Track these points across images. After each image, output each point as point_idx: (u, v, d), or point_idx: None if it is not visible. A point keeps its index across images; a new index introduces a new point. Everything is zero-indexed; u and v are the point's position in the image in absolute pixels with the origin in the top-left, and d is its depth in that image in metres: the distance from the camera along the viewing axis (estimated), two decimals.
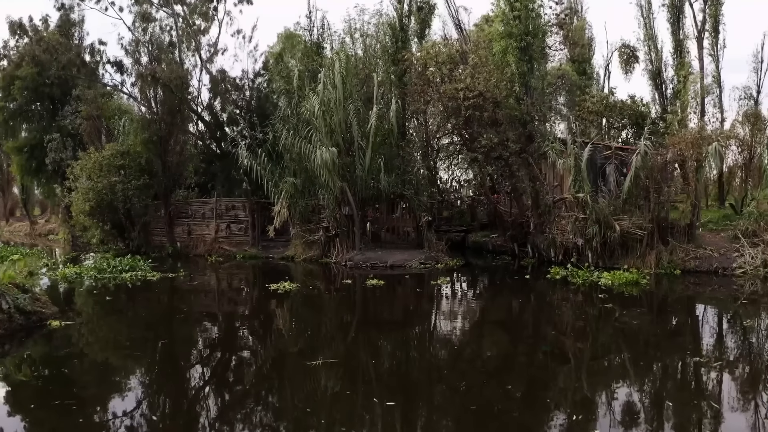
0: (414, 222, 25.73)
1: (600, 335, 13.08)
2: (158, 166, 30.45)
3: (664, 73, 35.43)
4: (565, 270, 20.68)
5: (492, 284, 21.05)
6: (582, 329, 13.68)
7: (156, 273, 22.14)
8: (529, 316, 15.72)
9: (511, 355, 11.69)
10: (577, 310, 16.04)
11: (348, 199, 24.45)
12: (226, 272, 24.84)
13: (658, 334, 13.01)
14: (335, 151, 23.07)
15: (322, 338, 12.98)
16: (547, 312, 16.19)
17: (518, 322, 14.96)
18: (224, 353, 11.88)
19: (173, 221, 31.06)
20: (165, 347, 11.81)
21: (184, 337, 13.25)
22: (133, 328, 14.06)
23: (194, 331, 13.91)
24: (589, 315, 15.24)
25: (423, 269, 22.92)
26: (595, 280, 19.11)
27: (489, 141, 22.56)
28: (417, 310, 16.42)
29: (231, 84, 30.87)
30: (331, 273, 23.64)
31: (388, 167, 25.30)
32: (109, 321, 15.29)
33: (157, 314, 16.09)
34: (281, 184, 25.23)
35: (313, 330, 13.90)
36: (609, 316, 14.55)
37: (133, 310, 16.76)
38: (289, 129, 25.17)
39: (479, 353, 11.78)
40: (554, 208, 23.63)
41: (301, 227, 26.76)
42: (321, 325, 14.64)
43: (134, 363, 11.04)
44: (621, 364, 10.66)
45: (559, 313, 15.85)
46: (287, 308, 16.21)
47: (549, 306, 17.11)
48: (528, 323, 14.96)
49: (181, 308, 17.01)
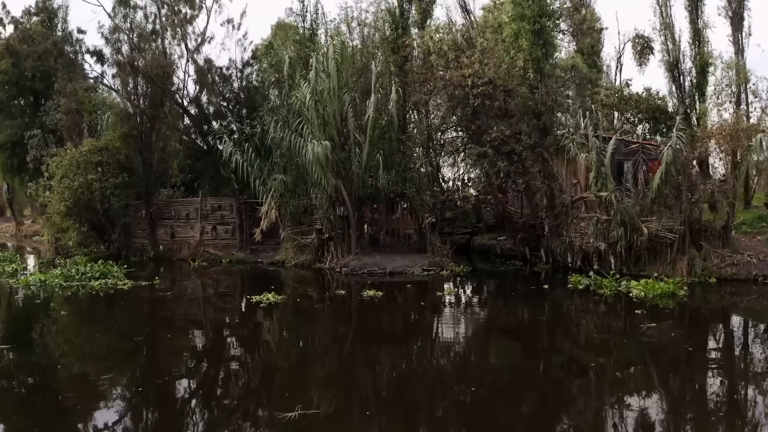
0: (416, 223, 23.09)
1: (651, 366, 10.44)
2: (138, 162, 27.83)
3: (682, 64, 32.93)
4: (587, 278, 18.11)
5: (506, 295, 18.30)
6: (624, 356, 11.06)
7: (129, 281, 19.58)
8: (558, 339, 12.98)
9: (548, 395, 9.05)
10: (613, 331, 13.33)
11: (343, 198, 21.83)
12: (208, 279, 22.19)
13: (727, 366, 10.39)
14: (328, 144, 20.43)
15: (302, 376, 10.10)
16: (577, 332, 13.48)
17: (546, 347, 12.27)
18: (169, 405, 9.19)
19: (155, 222, 28.40)
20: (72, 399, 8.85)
21: (123, 379, 9.91)
22: (64, 359, 11.30)
23: (139, 367, 10.79)
24: (628, 337, 12.58)
25: (426, 276, 20.30)
26: (624, 290, 16.55)
27: (500, 134, 19.92)
28: (422, 332, 13.63)
29: (218, 74, 28.17)
30: (324, 280, 21.01)
31: (388, 163, 22.69)
32: (38, 351, 11.95)
33: (104, 341, 12.75)
34: (269, 182, 22.60)
35: (292, 362, 11.14)
36: (654, 340, 11.94)
37: (80, 332, 13.89)
38: (278, 121, 22.52)
39: (506, 395, 9.13)
40: (572, 208, 21.00)
41: (292, 229, 24.12)
42: (304, 354, 11.83)
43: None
44: (690, 407, 8.03)
45: (592, 334, 13.15)
46: (266, 330, 13.55)
47: (577, 324, 14.38)
48: (558, 348, 12.27)
49: (141, 331, 13.55)
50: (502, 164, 19.95)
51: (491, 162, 20.22)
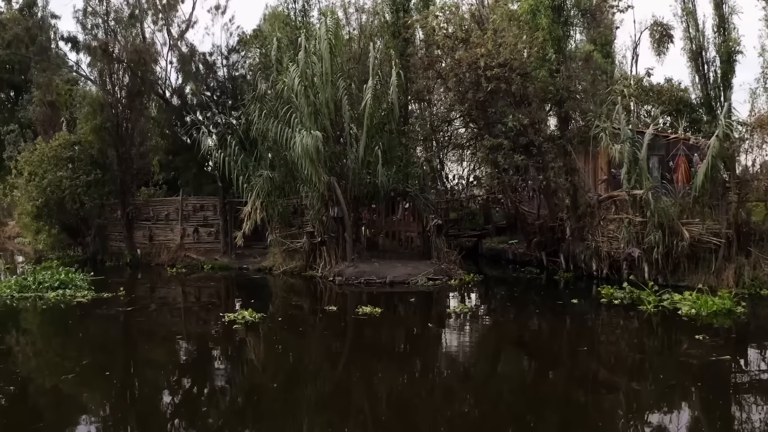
0: (419, 226, 20.20)
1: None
2: (113, 158, 24.94)
3: (706, 53, 30.15)
4: (620, 290, 15.28)
5: (529, 312, 14.95)
6: (710, 407, 8.16)
7: (90, 292, 16.74)
8: (608, 377, 9.76)
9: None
10: (683, 369, 9.92)
11: (337, 197, 18.96)
12: (182, 290, 19.29)
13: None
14: (319, 135, 17.55)
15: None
16: (630, 367, 10.29)
17: (598, 390, 9.10)
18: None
19: (132, 224, 25.50)
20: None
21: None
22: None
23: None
24: (701, 375, 9.62)
25: (431, 287, 17.43)
26: (669, 306, 13.68)
27: (517, 123, 17.06)
28: (431, 370, 10.11)
29: (201, 61, 25.30)
30: (315, 291, 18.14)
31: (387, 158, 19.81)
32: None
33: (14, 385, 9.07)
34: (254, 178, 19.73)
35: (256, 418, 8.10)
36: (739, 380, 9.08)
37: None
38: (264, 110, 19.63)
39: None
40: (599, 208, 18.13)
41: (280, 232, 21.25)
42: (272, 410, 8.32)
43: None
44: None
45: (653, 372, 9.84)
46: (230, 365, 10.57)
47: (627, 355, 10.99)
48: (611, 390, 9.15)
49: (77, 362, 10.25)
50: (519, 158, 17.07)
51: (506, 155, 17.33)
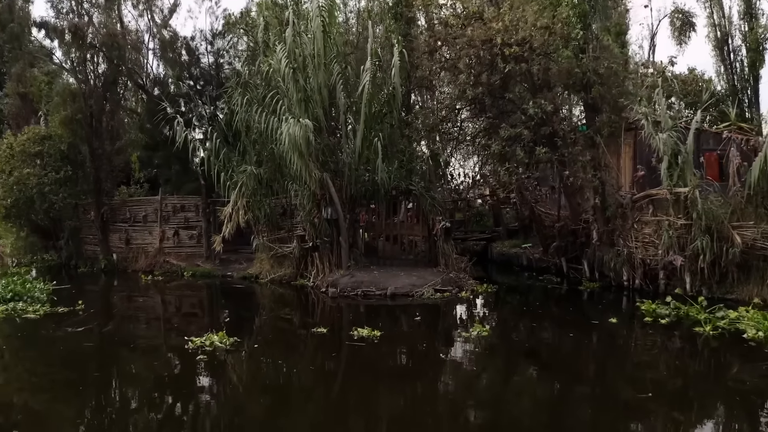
0: (424, 229, 17.60)
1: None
2: (86, 153, 22.39)
3: (732, 41, 27.61)
4: (662, 305, 12.77)
5: (563, 336, 11.82)
6: None
7: (45, 306, 14.23)
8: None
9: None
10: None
11: (331, 196, 16.38)
12: (153, 302, 16.71)
13: None
14: (309, 124, 14.96)
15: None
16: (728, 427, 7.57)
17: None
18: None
19: (107, 226, 22.93)
20: None
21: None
22: None
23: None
24: None
25: (439, 300, 14.85)
26: (727, 326, 11.10)
27: (540, 110, 14.49)
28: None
29: (183, 47, 22.74)
30: (304, 306, 15.59)
31: (388, 152, 17.26)
32: None
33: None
34: (236, 175, 17.17)
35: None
36: None
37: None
38: (248, 98, 17.05)
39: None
40: (633, 209, 15.57)
41: (268, 236, 18.67)
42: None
43: None
44: None
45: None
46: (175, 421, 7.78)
47: (714, 408, 7.92)
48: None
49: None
50: (542, 150, 14.49)
51: (526, 148, 14.76)
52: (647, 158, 18.67)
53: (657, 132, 13.88)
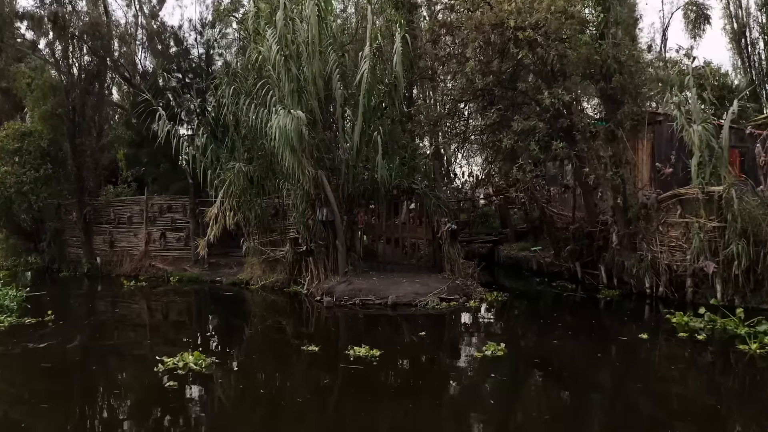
0: (429, 231, 16.09)
1: None
2: (67, 150, 20.91)
3: (750, 33, 26.18)
4: (696, 317, 11.34)
5: (589, 355, 10.13)
6: None
7: (12, 317, 12.81)
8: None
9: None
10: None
11: (326, 196, 14.89)
12: (132, 312, 15.20)
13: None
14: (302, 116, 13.46)
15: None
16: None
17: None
18: None
19: (90, 228, 21.42)
20: None
21: None
22: None
23: None
24: None
25: (445, 310, 13.36)
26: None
27: (556, 100, 13.00)
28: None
29: (172, 37, 21.24)
30: (296, 317, 14.09)
31: (389, 148, 15.78)
32: None
33: None
34: (223, 173, 15.69)
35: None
36: None
37: None
38: (235, 88, 15.56)
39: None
40: (658, 210, 14.07)
41: (259, 239, 17.19)
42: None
43: None
44: None
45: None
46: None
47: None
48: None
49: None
50: (559, 145, 13.00)
51: (541, 142, 13.28)
52: (666, 154, 17.24)
53: (690, 124, 12.38)
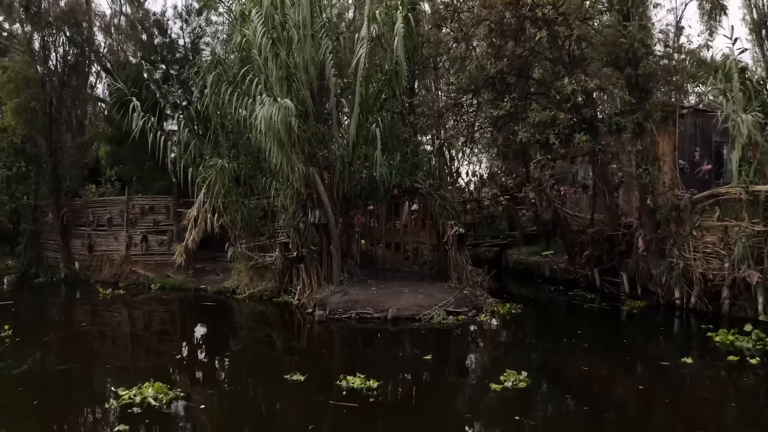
0: (433, 235, 14.41)
1: None
2: (42, 147, 19.24)
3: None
4: (742, 335, 9.80)
5: (630, 386, 8.36)
6: None
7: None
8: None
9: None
10: None
11: (319, 196, 13.23)
12: (103, 325, 13.49)
13: None
14: (291, 105, 11.78)
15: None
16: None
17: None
18: None
19: (68, 231, 19.74)
20: None
21: None
22: None
23: None
24: None
25: (453, 325, 11.69)
26: None
27: (579, 87, 11.35)
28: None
29: (154, 24, 19.57)
30: (284, 333, 12.40)
31: (389, 143, 14.13)
32: None
33: None
34: (204, 170, 14.03)
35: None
36: None
37: None
38: (215, 73, 13.87)
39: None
40: (691, 212, 12.42)
41: (246, 243, 15.53)
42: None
43: None
44: None
45: None
46: None
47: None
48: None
49: None
50: (583, 138, 11.34)
51: (561, 135, 11.63)
52: (690, 151, 15.64)
53: (738, 113, 10.73)
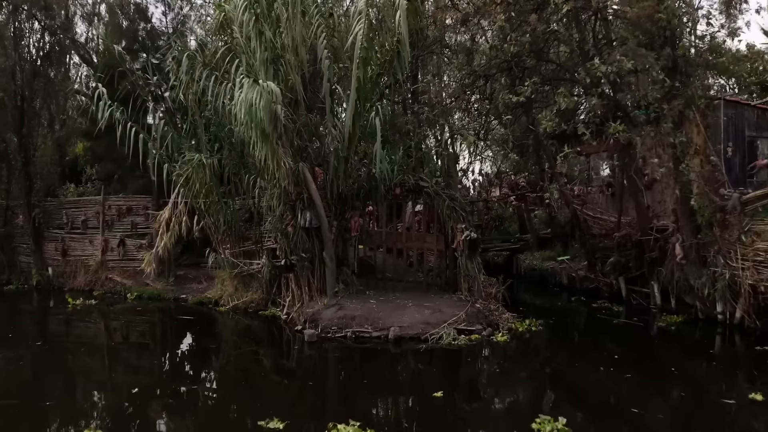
0: (441, 240, 12.57)
1: None
2: (12, 142, 17.47)
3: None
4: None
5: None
6: None
7: None
8: None
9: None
10: None
11: (310, 195, 11.43)
12: (59, 345, 11.57)
13: None
14: (276, 90, 9.96)
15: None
16: None
17: None
18: None
19: (41, 233, 17.97)
20: None
21: None
22: None
23: None
24: None
25: (465, 346, 9.90)
26: None
27: (613, 68, 9.55)
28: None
29: (136, 8, 17.75)
30: (267, 357, 10.58)
31: (390, 135, 12.33)
32: None
33: None
34: (179, 166, 12.25)
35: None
36: None
37: None
38: (188, 53, 12.06)
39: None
40: (740, 214, 10.63)
41: (231, 249, 13.74)
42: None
43: None
44: None
45: None
46: None
47: None
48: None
49: None
50: (618, 127, 9.53)
51: (591, 125, 9.84)
52: (723, 145, 13.92)
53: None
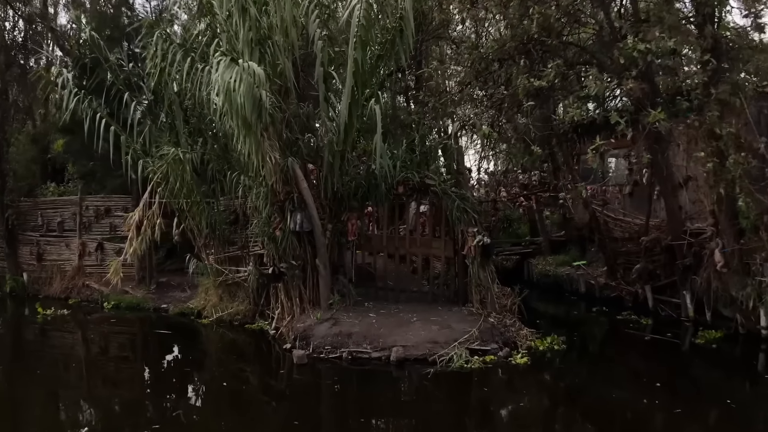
0: (449, 245, 11.09)
1: None
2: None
3: None
4: None
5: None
6: None
7: None
8: None
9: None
10: None
11: (301, 195, 9.99)
12: (13, 368, 10.10)
13: None
14: (259, 72, 8.50)
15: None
16: None
17: None
18: None
19: (15, 236, 16.52)
20: None
21: None
22: None
23: None
24: None
25: (479, 369, 8.46)
26: None
27: (650, 49, 8.14)
28: None
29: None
30: (249, 382, 9.13)
31: (392, 127, 10.89)
32: None
33: None
34: (153, 162, 10.83)
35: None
36: None
37: None
38: (159, 32, 10.61)
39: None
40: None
41: (215, 254, 12.32)
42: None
43: None
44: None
45: None
46: None
47: None
48: None
49: None
50: (660, 115, 8.09)
51: (626, 114, 8.41)
52: None
53: None
